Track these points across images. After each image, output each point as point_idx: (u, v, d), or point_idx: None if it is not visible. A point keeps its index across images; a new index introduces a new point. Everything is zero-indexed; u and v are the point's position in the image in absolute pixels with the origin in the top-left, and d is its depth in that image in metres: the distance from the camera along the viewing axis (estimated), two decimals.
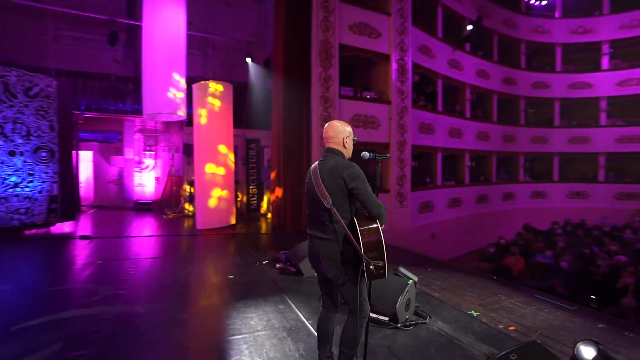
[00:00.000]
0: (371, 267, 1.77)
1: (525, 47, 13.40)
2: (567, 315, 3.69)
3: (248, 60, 9.17)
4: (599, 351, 2.18)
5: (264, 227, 8.01)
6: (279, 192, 7.89)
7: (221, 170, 7.17)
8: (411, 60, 8.81)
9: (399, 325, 3.01)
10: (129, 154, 9.90)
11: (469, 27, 10.12)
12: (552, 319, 3.54)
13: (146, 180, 9.88)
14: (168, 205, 9.28)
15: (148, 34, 5.85)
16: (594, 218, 12.79)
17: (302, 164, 7.37)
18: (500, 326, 3.23)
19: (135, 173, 9.85)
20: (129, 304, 3.43)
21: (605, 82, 13.47)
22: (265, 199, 9.57)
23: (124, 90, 9.27)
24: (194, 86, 7.06)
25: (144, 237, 6.50)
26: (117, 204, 9.80)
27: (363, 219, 1.93)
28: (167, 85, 5.82)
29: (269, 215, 9.03)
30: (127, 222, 7.95)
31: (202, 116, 7.00)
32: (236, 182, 8.23)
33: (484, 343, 2.84)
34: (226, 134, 7.37)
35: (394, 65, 8.42)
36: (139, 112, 9.02)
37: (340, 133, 2.07)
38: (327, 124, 2.12)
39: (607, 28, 13.28)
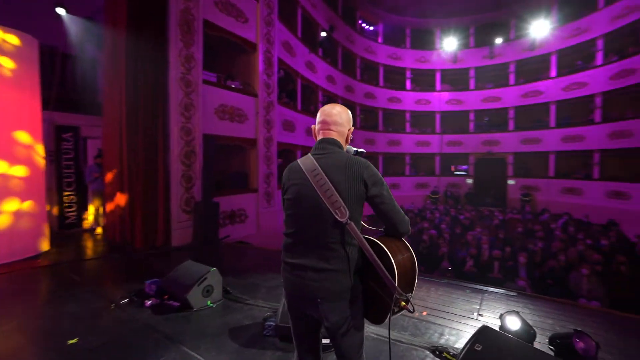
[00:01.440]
0: (403, 303, 1.29)
1: (360, 62, 15.71)
2: (447, 288, 4.30)
3: (60, 12, 6.38)
4: (521, 320, 2.49)
5: (94, 248, 5.83)
6: (121, 199, 5.92)
7: (19, 171, 4.67)
8: (277, 54, 8.53)
9: None
10: None
11: (323, 34, 10.80)
12: (441, 294, 4.02)
13: None
14: None
15: None
16: (405, 203, 16.47)
17: (157, 162, 5.78)
18: (416, 314, 3.37)
19: None
20: None
21: (408, 99, 17.57)
22: (92, 208, 7.05)
23: None
24: None
25: None
26: None
27: (380, 236, 1.43)
28: None
29: (99, 230, 6.73)
30: None
31: None
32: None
33: (417, 336, 2.84)
34: (29, 116, 4.85)
35: (261, 57, 7.89)
36: None
37: (348, 122, 1.53)
38: (328, 107, 1.52)
39: (409, 58, 17.32)
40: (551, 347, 2.32)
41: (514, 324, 2.48)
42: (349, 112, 1.57)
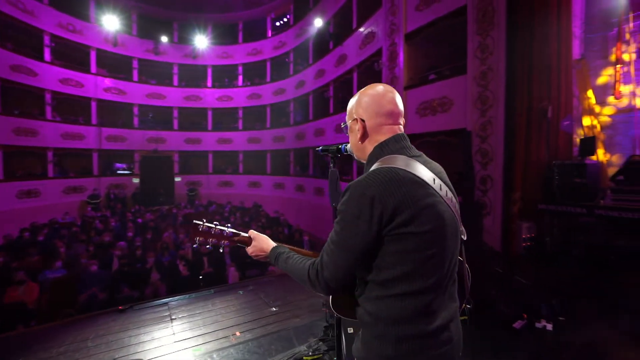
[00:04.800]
0: (464, 305, 1.30)
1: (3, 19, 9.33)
2: (226, 303, 4.11)
3: None
4: None
5: None
6: None
7: None
8: None
9: None
10: None
11: None
12: (222, 313, 3.79)
13: None
14: None
15: None
16: (57, 215, 12.44)
17: None
18: (232, 338, 3.04)
19: None
20: None
21: (49, 75, 12.90)
22: None
23: None
24: None
25: None
26: None
27: None
28: None
29: None
30: None
31: None
32: None
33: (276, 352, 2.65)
34: None
35: None
36: None
37: None
38: (386, 89, 1.09)
39: (49, 20, 12.59)
40: None
41: None
42: None
